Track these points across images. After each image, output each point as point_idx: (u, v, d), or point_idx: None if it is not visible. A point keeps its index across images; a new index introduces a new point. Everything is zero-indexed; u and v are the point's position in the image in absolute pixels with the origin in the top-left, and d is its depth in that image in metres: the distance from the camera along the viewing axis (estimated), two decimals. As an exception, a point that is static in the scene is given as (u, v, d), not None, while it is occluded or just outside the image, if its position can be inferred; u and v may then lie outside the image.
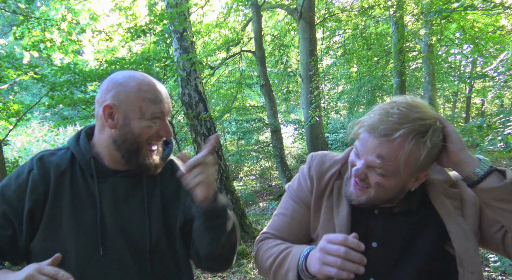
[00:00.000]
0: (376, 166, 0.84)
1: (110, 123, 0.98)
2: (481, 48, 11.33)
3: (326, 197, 1.00)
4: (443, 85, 19.39)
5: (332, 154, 1.07)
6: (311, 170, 1.04)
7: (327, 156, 1.06)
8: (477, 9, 4.53)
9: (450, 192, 0.96)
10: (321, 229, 0.97)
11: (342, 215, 0.95)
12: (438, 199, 0.92)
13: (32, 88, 19.38)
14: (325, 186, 1.01)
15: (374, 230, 0.94)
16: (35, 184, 0.96)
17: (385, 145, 0.81)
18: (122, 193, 1.02)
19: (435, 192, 0.94)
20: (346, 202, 0.96)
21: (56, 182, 0.98)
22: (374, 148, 0.83)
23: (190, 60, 5.00)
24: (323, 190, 1.01)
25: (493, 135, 3.36)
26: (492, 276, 3.04)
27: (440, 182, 0.96)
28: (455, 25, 11.34)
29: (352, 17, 11.10)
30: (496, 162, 10.26)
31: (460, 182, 0.97)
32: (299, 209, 1.03)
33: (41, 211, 0.96)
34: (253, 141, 12.37)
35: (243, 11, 10.88)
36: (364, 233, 0.92)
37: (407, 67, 12.54)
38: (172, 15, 4.70)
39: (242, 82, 11.49)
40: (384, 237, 0.93)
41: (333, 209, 0.97)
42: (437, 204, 0.92)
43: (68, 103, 4.14)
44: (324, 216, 0.98)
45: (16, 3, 5.71)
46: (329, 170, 1.03)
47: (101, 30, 7.18)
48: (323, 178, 1.02)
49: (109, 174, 1.02)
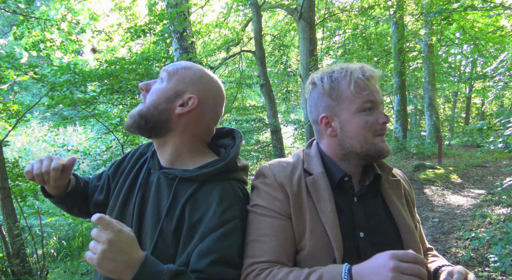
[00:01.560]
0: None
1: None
2: (481, 48, 11.33)
3: (305, 200, 0.94)
4: (443, 85, 19.38)
5: (284, 159, 1.05)
6: (277, 178, 0.97)
7: (282, 161, 1.03)
8: (477, 9, 4.53)
9: (392, 182, 1.03)
10: (311, 232, 0.90)
11: (327, 210, 0.91)
12: (385, 193, 0.99)
13: (32, 88, 19.39)
14: (298, 188, 0.96)
15: (358, 220, 0.94)
16: (123, 159, 1.12)
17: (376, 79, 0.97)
18: (149, 190, 0.98)
19: (382, 185, 1.00)
20: (328, 195, 0.93)
21: (131, 166, 1.08)
22: (377, 86, 0.95)
23: (190, 60, 5.00)
24: (298, 194, 0.95)
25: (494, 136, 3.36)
26: (492, 276, 3.04)
27: (383, 175, 1.01)
28: (455, 25, 11.34)
29: (352, 17, 11.09)
30: (496, 162, 10.28)
31: (398, 172, 1.09)
32: (280, 223, 0.92)
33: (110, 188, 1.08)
34: (253, 141, 12.37)
35: (243, 11, 10.89)
36: (350, 223, 0.92)
37: (407, 67, 12.54)
38: (172, 15, 4.70)
39: (242, 82, 11.49)
40: (367, 225, 0.94)
41: (316, 207, 0.93)
42: (385, 197, 0.99)
43: (68, 103, 4.14)
44: (310, 218, 0.92)
45: (16, 3, 5.71)
46: (293, 172, 0.99)
47: (101, 30, 7.18)
48: (292, 181, 0.97)
49: (156, 167, 1.02)
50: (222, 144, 1.07)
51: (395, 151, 12.04)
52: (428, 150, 11.68)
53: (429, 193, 6.68)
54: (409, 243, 0.92)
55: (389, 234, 0.94)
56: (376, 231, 0.93)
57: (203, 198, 0.91)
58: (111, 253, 0.71)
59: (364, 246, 0.90)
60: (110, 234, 0.71)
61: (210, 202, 0.90)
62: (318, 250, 0.89)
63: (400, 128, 12.36)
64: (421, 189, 6.99)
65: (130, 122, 0.97)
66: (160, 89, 0.96)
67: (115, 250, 0.71)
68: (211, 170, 0.92)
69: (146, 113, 0.95)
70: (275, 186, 0.96)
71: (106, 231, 0.72)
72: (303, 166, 1.00)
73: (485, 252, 3.53)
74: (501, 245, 2.87)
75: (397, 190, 1.01)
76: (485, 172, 8.85)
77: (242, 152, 11.54)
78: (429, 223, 4.89)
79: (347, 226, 0.92)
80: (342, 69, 0.96)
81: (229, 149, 1.02)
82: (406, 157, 11.32)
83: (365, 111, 0.93)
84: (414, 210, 1.08)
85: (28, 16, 5.52)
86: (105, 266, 0.71)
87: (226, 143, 1.07)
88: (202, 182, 0.93)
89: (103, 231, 0.72)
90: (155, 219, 0.93)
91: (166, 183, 0.96)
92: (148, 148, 1.11)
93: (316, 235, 0.90)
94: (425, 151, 11.60)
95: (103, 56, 7.73)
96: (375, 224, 0.94)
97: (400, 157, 11.41)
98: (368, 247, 0.90)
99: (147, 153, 1.08)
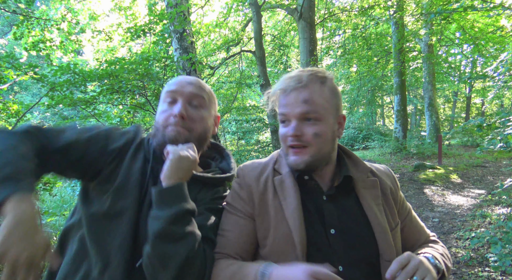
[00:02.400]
0: (306, 112, 0.93)
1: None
2: (481, 48, 11.33)
3: (271, 199, 1.00)
4: (443, 85, 19.39)
5: (258, 160, 1.12)
6: (246, 179, 1.05)
7: (255, 163, 1.11)
8: (477, 9, 4.53)
9: (368, 182, 1.04)
10: (275, 229, 0.96)
11: (292, 207, 0.95)
12: (359, 193, 1.01)
13: (32, 88, 19.39)
14: (264, 187, 1.02)
15: (328, 218, 0.96)
16: (128, 140, 1.05)
17: (302, 90, 0.94)
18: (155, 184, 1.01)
19: (357, 185, 1.02)
20: (293, 193, 0.97)
21: (133, 152, 1.04)
22: (296, 98, 0.94)
23: (190, 60, 5.00)
24: (263, 192, 1.01)
25: (493, 135, 3.36)
26: (492, 276, 3.04)
27: (358, 174, 1.04)
28: (455, 25, 11.34)
29: (352, 17, 11.09)
30: (496, 162, 10.28)
31: (379, 172, 1.10)
32: (240, 220, 1.01)
33: (114, 168, 0.99)
34: (253, 141, 12.37)
35: (243, 11, 10.89)
36: (319, 221, 0.96)
37: (407, 67, 12.53)
38: (172, 15, 4.70)
39: (242, 82, 11.49)
40: (339, 223, 0.96)
41: (282, 205, 0.97)
42: (360, 197, 1.00)
43: (68, 103, 4.13)
44: (275, 215, 0.97)
45: (16, 3, 5.71)
46: (262, 172, 1.06)
47: (101, 30, 7.19)
48: (259, 181, 1.03)
49: (160, 161, 1.00)
50: (208, 155, 1.22)
51: (395, 151, 12.04)
52: (428, 150, 11.68)
53: (429, 193, 6.68)
54: (383, 244, 0.94)
55: (362, 234, 0.96)
56: (348, 229, 0.96)
57: (204, 196, 1.05)
58: (190, 162, 0.92)
59: (335, 243, 0.93)
60: (196, 156, 0.94)
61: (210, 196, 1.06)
62: (282, 246, 0.94)
63: (400, 128, 12.36)
64: (421, 189, 6.99)
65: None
66: (205, 117, 1.06)
67: (193, 164, 0.93)
68: (222, 177, 1.09)
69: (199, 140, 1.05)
70: (243, 186, 1.04)
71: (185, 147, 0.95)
72: (274, 166, 1.07)
73: (485, 252, 3.53)
74: (501, 245, 2.87)
75: (373, 189, 1.03)
76: (485, 172, 8.85)
77: (242, 152, 11.54)
78: (429, 223, 4.89)
79: (317, 223, 0.95)
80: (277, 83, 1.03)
81: (224, 165, 1.18)
82: (406, 157, 11.32)
83: (283, 123, 1.00)
84: (403, 204, 1.10)
85: (28, 16, 5.52)
86: (181, 163, 0.90)
87: (213, 155, 1.23)
88: (205, 184, 1.06)
89: (184, 146, 0.95)
90: None
91: None
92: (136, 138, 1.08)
93: (280, 232, 0.95)
94: (425, 151, 11.60)
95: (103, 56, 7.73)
96: (347, 222, 0.96)
97: (400, 157, 11.40)
98: (340, 244, 0.93)
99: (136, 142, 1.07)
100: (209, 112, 1.08)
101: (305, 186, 1.01)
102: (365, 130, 18.04)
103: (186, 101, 1.02)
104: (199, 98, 1.04)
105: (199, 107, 1.04)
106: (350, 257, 0.92)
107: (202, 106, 1.05)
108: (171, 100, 1.03)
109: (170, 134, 0.99)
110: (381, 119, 25.98)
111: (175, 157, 0.89)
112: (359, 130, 17.82)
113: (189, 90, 1.03)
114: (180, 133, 0.99)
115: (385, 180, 1.09)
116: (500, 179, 7.47)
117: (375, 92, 17.49)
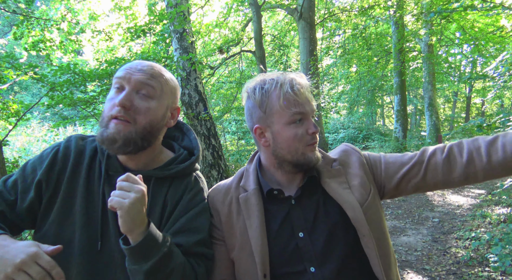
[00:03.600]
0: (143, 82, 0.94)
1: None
2: (481, 48, 11.32)
3: (235, 219, 1.01)
4: (443, 85, 19.38)
5: (224, 181, 1.13)
6: (212, 204, 1.06)
7: (220, 185, 1.11)
8: (476, 9, 4.53)
9: (333, 171, 1.05)
10: (241, 249, 0.97)
11: (254, 226, 0.96)
12: (325, 183, 1.01)
13: (32, 88, 19.39)
14: (228, 210, 1.03)
15: (296, 222, 0.97)
16: (54, 161, 0.97)
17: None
18: None
19: (322, 177, 1.02)
20: (257, 211, 0.97)
21: (73, 167, 0.98)
22: (305, 97, 0.97)
23: (190, 60, 5.00)
24: (228, 215, 1.02)
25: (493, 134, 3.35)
26: (492, 276, 3.04)
27: (323, 167, 1.05)
28: (455, 25, 11.34)
29: (352, 17, 11.09)
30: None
31: (341, 157, 1.08)
32: (218, 247, 1.03)
33: (53, 190, 0.95)
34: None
35: (243, 11, 10.89)
36: (288, 228, 0.97)
37: (407, 67, 12.53)
38: (172, 15, 4.70)
39: (242, 82, 11.48)
40: (306, 223, 0.97)
41: (246, 224, 0.98)
42: (326, 187, 1.00)
43: (68, 103, 4.14)
44: (241, 236, 0.98)
45: (16, 3, 5.71)
46: (227, 194, 1.06)
47: (101, 30, 7.18)
48: (224, 204, 1.04)
49: (118, 170, 0.98)
50: (169, 136, 1.15)
51: (395, 151, 12.04)
52: (428, 150, 11.66)
53: (429, 193, 6.67)
54: (355, 220, 0.94)
55: (334, 220, 0.96)
56: (315, 227, 0.96)
57: (175, 192, 1.00)
58: (140, 203, 0.80)
59: (304, 245, 0.94)
60: (142, 187, 0.82)
61: (182, 192, 1.01)
62: (248, 265, 0.95)
63: (400, 128, 12.35)
64: (421, 189, 6.99)
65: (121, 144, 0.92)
66: (153, 108, 0.96)
67: (143, 202, 0.81)
68: (184, 166, 1.02)
69: (143, 133, 0.95)
70: (212, 212, 1.05)
71: (137, 184, 0.81)
72: (240, 183, 1.07)
73: (485, 252, 3.52)
74: (501, 245, 2.87)
75: (338, 177, 1.03)
76: (485, 172, 8.84)
77: (242, 152, 11.54)
78: (429, 223, 4.89)
79: (286, 230, 0.97)
80: (272, 81, 0.99)
81: (186, 142, 1.13)
82: (406, 157, 11.31)
83: (295, 123, 0.97)
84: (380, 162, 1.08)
85: (28, 16, 5.52)
86: (132, 212, 0.79)
87: (173, 134, 1.16)
88: (174, 178, 1.02)
89: (135, 184, 0.81)
90: (156, 218, 0.98)
91: None
92: (80, 145, 1.03)
93: (245, 252, 0.97)
94: (425, 151, 11.58)
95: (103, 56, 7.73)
96: (313, 220, 0.97)
97: (400, 157, 11.39)
98: (308, 244, 0.94)
99: (85, 151, 1.02)
100: (160, 103, 0.98)
101: (274, 197, 1.01)
102: (365, 130, 18.03)
103: (133, 90, 0.94)
104: (148, 87, 0.95)
105: (147, 97, 0.95)
106: (322, 256, 0.93)
107: (151, 96, 0.96)
108: (118, 86, 0.95)
109: (109, 133, 0.92)
110: (381, 119, 25.97)
111: (124, 212, 0.79)
112: (359, 130, 17.81)
113: (137, 78, 0.94)
114: (119, 132, 0.92)
115: (347, 159, 1.08)
116: (500, 179, 7.47)
117: (375, 92, 17.48)
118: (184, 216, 0.98)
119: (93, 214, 0.94)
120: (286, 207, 0.99)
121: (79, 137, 1.05)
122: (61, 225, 0.93)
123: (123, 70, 0.96)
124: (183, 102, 5.27)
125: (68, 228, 0.93)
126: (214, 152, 5.15)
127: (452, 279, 3.11)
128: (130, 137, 0.92)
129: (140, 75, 0.95)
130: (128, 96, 0.92)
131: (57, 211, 0.94)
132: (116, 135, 0.91)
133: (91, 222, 0.94)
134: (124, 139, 0.92)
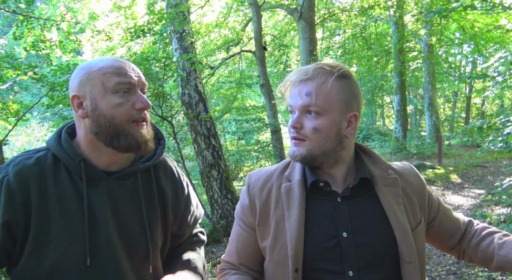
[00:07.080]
0: (307, 104, 0.90)
1: (81, 113, 0.90)
2: (481, 48, 11.33)
3: (272, 209, 0.98)
4: (443, 85, 19.38)
5: (266, 168, 1.10)
6: (250, 188, 1.04)
7: (263, 170, 1.08)
8: (476, 9, 4.53)
9: (389, 179, 0.99)
10: (275, 240, 0.95)
11: (293, 218, 0.93)
12: (380, 191, 0.96)
13: (32, 88, 19.38)
14: (266, 197, 1.00)
15: (340, 220, 0.93)
16: (12, 194, 0.84)
17: (306, 84, 0.92)
18: (120, 197, 0.95)
19: (377, 183, 0.97)
20: (298, 204, 0.94)
21: (38, 189, 0.87)
22: (300, 91, 0.92)
23: (190, 60, 5.00)
24: (265, 203, 1.00)
25: (494, 135, 3.35)
26: (492, 276, 3.03)
27: (377, 171, 1.00)
28: (455, 25, 11.34)
29: (352, 17, 11.09)
30: (496, 162, 10.27)
31: (400, 169, 1.04)
32: (242, 232, 1.03)
33: (24, 223, 0.85)
34: (253, 141, 12.38)
35: (243, 11, 10.88)
36: (332, 225, 0.93)
37: (407, 67, 12.53)
38: (172, 15, 4.69)
39: (242, 82, 11.49)
40: (352, 224, 0.93)
41: (285, 214, 0.95)
42: (380, 195, 0.96)
43: (67, 103, 4.14)
44: (276, 226, 0.96)
45: (16, 3, 5.70)
46: (267, 181, 1.03)
47: (100, 30, 7.18)
48: (263, 191, 1.01)
49: (101, 176, 0.93)
50: None
51: (395, 151, 12.04)
52: (428, 150, 11.68)
53: (429, 193, 6.68)
54: (402, 244, 0.90)
55: (380, 234, 0.92)
56: (361, 230, 0.92)
57: (164, 177, 1.08)
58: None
59: (348, 245, 0.90)
60: None
61: (171, 177, 1.10)
62: (280, 257, 0.92)
63: (400, 128, 12.36)
64: (421, 189, 6.99)
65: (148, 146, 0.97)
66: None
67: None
68: (161, 153, 1.06)
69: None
70: (246, 196, 1.04)
71: None
72: (285, 173, 1.03)
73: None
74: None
75: (393, 188, 0.98)
76: (485, 172, 8.84)
77: (242, 152, 11.54)
78: (429, 223, 4.90)
79: (329, 227, 0.92)
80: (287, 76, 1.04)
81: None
82: (406, 157, 11.32)
83: (291, 113, 1.01)
84: (432, 199, 1.06)
85: (28, 16, 5.52)
86: None
87: None
88: (154, 166, 1.06)
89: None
90: (137, 219, 0.98)
91: (127, 183, 0.98)
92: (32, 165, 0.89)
93: (279, 243, 0.93)
94: (425, 151, 11.60)
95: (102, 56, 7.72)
96: (360, 223, 0.92)
97: (400, 157, 11.40)
98: (352, 247, 0.90)
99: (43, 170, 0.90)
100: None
101: (319, 192, 0.97)
102: (365, 130, 18.05)
103: (141, 91, 0.94)
104: (146, 85, 0.97)
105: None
106: (363, 261, 0.89)
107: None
108: (125, 91, 0.90)
109: (139, 135, 0.92)
110: (381, 119, 25.98)
111: None
112: (359, 130, 17.80)
113: (139, 80, 0.94)
114: (149, 133, 0.95)
115: (407, 177, 1.03)
116: (500, 179, 7.47)
117: (375, 92, 17.49)
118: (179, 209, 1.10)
119: (76, 231, 0.88)
120: (331, 203, 0.95)
121: (25, 158, 0.91)
122: (39, 256, 0.86)
123: (120, 74, 0.90)
124: (183, 102, 5.27)
125: (48, 255, 0.87)
126: (214, 152, 5.14)
127: (452, 279, 3.11)
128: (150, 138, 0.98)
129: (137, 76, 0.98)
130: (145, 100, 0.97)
131: (31, 243, 0.86)
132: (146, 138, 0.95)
133: (75, 240, 0.88)
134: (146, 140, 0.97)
